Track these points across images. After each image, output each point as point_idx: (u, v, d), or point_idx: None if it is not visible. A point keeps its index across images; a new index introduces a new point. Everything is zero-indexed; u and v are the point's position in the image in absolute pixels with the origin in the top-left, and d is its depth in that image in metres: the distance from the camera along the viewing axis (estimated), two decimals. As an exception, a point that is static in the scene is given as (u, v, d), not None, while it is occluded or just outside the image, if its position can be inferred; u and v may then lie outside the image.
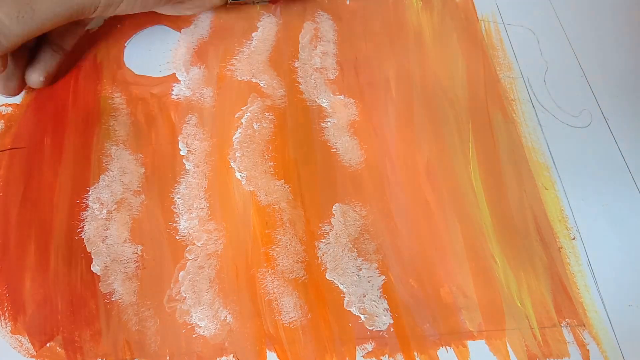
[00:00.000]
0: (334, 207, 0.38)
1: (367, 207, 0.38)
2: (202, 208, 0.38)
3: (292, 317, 0.34)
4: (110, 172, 0.39)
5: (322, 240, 0.37)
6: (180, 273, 0.35)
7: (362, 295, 0.34)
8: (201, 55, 0.46)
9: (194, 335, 0.33)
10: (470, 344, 0.33)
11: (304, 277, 0.35)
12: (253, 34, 0.48)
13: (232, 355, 0.32)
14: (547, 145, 0.41)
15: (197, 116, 0.42)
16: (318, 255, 0.36)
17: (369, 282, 0.35)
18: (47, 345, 0.32)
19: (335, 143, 0.41)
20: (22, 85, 0.41)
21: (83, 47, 0.46)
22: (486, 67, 0.46)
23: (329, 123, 0.42)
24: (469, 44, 0.48)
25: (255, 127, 0.42)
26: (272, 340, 0.33)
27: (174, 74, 0.45)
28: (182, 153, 0.40)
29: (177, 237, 0.36)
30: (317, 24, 0.49)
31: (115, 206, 0.38)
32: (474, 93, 0.44)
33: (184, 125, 0.42)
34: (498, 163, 0.40)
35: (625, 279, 0.36)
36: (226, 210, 0.38)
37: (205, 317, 0.34)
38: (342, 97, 0.44)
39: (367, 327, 0.33)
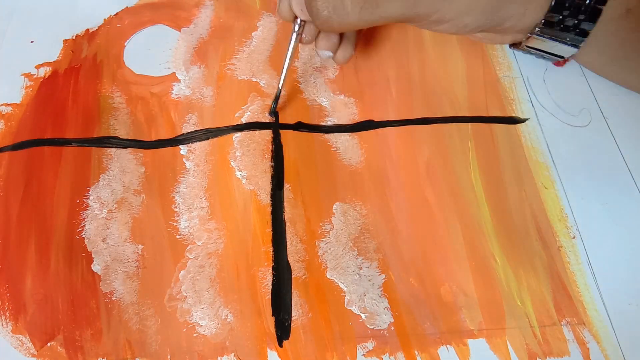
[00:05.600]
0: (334, 206, 0.38)
1: (368, 206, 0.38)
2: (203, 207, 0.38)
3: (293, 316, 0.34)
4: (111, 172, 0.39)
5: (323, 239, 0.37)
6: (181, 272, 0.35)
7: (362, 294, 0.35)
8: (201, 55, 0.46)
9: (194, 335, 0.33)
10: (470, 342, 0.33)
11: (304, 276, 0.35)
12: (253, 34, 0.48)
13: (233, 354, 0.32)
14: (547, 144, 0.41)
15: (197, 115, 0.42)
16: (319, 254, 0.36)
17: (369, 280, 0.35)
18: (48, 344, 0.32)
19: (336, 142, 0.41)
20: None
21: (83, 46, 0.46)
22: (486, 67, 0.46)
23: (329, 122, 0.42)
24: (468, 44, 0.48)
25: (256, 126, 0.42)
26: (272, 339, 0.33)
27: (174, 73, 0.45)
28: (182, 152, 0.40)
29: (177, 237, 0.36)
30: (317, 24, 0.49)
31: (115, 205, 0.38)
32: (474, 93, 0.44)
33: (184, 124, 0.42)
34: (498, 162, 0.40)
35: (625, 277, 0.36)
36: (227, 209, 0.38)
37: (206, 316, 0.34)
38: (342, 97, 0.44)
39: (368, 325, 0.33)
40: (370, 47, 0.47)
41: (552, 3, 0.35)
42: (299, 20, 0.36)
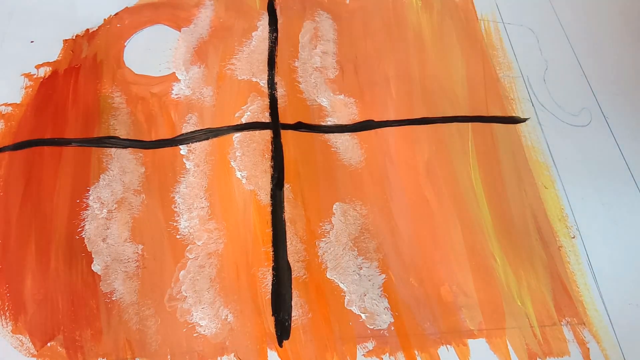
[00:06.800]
0: (334, 206, 0.38)
1: (368, 206, 0.38)
2: (203, 207, 0.38)
3: (293, 316, 0.34)
4: (111, 172, 0.39)
5: (323, 239, 0.37)
6: (181, 272, 0.35)
7: (362, 294, 0.35)
8: (201, 55, 0.46)
9: (194, 335, 0.33)
10: (470, 342, 0.33)
11: (304, 276, 0.35)
12: (253, 33, 0.48)
13: (233, 354, 0.32)
14: (547, 144, 0.41)
15: (197, 115, 0.42)
16: (319, 254, 0.36)
17: (369, 280, 0.35)
18: (48, 344, 0.32)
19: (336, 142, 0.41)
20: None
21: (83, 46, 0.46)
22: (486, 67, 0.46)
23: (329, 122, 0.42)
24: (468, 44, 0.48)
25: (256, 126, 0.42)
26: (273, 339, 0.33)
27: (174, 73, 0.45)
28: (182, 152, 0.40)
29: (177, 237, 0.36)
30: (317, 23, 0.49)
31: (115, 205, 0.38)
32: (474, 92, 0.44)
33: (184, 124, 0.42)
34: (498, 162, 0.40)
35: (625, 277, 0.36)
36: (227, 209, 0.38)
37: (206, 316, 0.34)
38: (342, 97, 0.44)
39: (368, 325, 0.33)
40: (370, 47, 0.47)
41: None
42: None
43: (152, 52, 0.46)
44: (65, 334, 0.33)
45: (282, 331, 0.33)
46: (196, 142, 0.41)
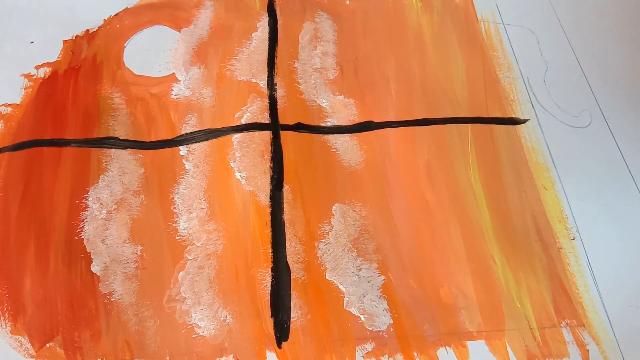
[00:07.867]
0: (333, 207, 0.38)
1: (367, 207, 0.38)
2: (202, 208, 0.38)
3: (292, 318, 0.34)
4: (110, 172, 0.39)
5: (322, 241, 0.37)
6: (180, 273, 0.35)
7: (361, 295, 0.34)
8: (201, 55, 0.46)
9: (193, 336, 0.33)
10: (469, 344, 0.33)
11: (303, 277, 0.35)
12: (253, 34, 0.48)
13: (231, 355, 0.32)
14: (547, 145, 0.41)
15: (196, 116, 0.42)
16: (318, 255, 0.36)
17: (368, 282, 0.35)
18: (47, 345, 0.32)
19: (335, 143, 0.41)
20: None
21: (82, 47, 0.46)
22: (486, 68, 0.46)
23: (328, 123, 0.42)
24: (468, 44, 0.48)
25: (255, 127, 0.42)
26: (271, 341, 0.33)
27: (174, 73, 0.45)
28: (181, 153, 0.40)
29: (176, 238, 0.36)
30: (316, 24, 0.49)
31: (114, 206, 0.38)
32: (474, 93, 0.44)
33: (184, 125, 0.42)
34: (498, 163, 0.40)
35: (625, 279, 0.36)
36: (226, 210, 0.38)
37: (205, 318, 0.34)
38: (341, 97, 0.44)
39: (367, 327, 0.33)
40: (370, 48, 0.47)
41: None
42: None
43: (152, 52, 0.46)
44: (64, 334, 0.33)
45: (281, 332, 0.33)
46: (196, 143, 0.41)
